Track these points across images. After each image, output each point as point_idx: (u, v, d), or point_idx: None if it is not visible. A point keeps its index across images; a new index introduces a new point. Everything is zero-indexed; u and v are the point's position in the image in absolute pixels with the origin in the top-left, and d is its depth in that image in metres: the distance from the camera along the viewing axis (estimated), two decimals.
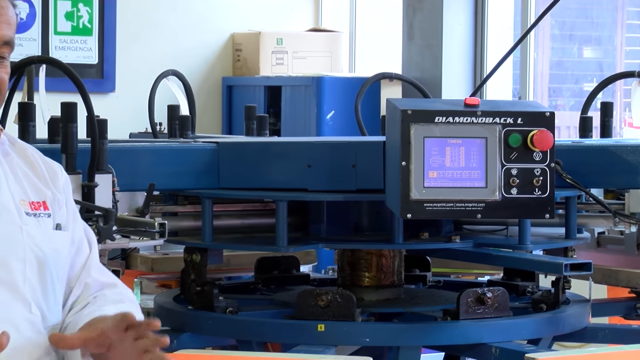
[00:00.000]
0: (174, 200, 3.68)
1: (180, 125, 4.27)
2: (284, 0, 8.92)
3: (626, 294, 3.89)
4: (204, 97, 8.37)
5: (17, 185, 2.43)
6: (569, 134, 6.97)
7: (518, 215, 3.37)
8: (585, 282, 3.69)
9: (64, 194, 2.52)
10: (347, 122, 7.72)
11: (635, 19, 9.71)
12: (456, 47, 7.56)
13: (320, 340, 3.31)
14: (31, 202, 2.42)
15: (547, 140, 3.20)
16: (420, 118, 3.18)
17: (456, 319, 3.33)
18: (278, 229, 3.39)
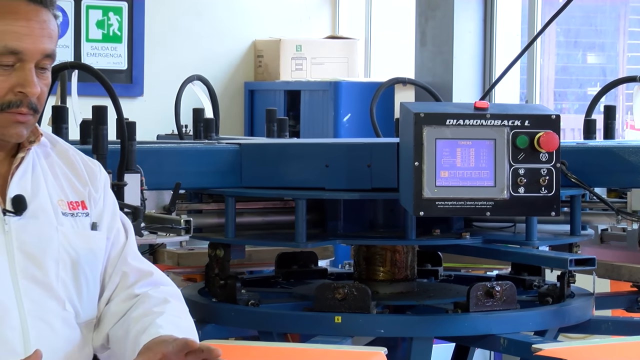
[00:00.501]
0: (199, 199, 3.69)
1: (204, 127, 4.27)
2: (303, 9, 8.92)
3: (628, 288, 3.88)
4: (227, 101, 8.37)
5: (56, 185, 2.41)
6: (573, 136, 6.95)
7: (525, 213, 3.37)
8: (589, 277, 3.67)
9: (102, 191, 2.51)
10: (362, 125, 7.71)
11: (636, 27, 9.69)
12: (466, 53, 7.55)
13: (337, 331, 3.31)
14: (69, 202, 2.41)
15: (553, 142, 3.20)
16: (432, 121, 3.18)
17: (466, 311, 3.33)
18: (297, 225, 3.39)
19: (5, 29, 2.24)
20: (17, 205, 2.31)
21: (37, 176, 2.39)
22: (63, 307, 2.37)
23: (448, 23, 7.52)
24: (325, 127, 7.90)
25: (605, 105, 4.33)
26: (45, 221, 2.36)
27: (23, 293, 2.29)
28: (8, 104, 2.27)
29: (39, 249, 2.33)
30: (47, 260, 2.34)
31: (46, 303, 2.33)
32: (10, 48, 2.24)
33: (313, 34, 8.85)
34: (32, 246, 2.32)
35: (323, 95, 8.02)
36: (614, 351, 3.07)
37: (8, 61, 2.25)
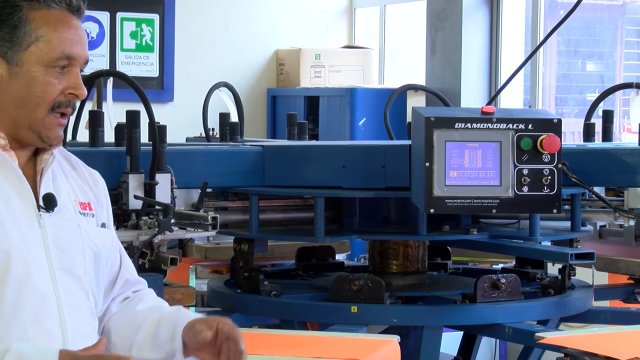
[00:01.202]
0: (225, 197, 3.69)
1: (230, 130, 4.27)
2: (322, 21, 8.92)
3: (625, 281, 3.87)
4: (251, 106, 8.38)
5: (69, 186, 2.43)
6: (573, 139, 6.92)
7: (529, 211, 3.36)
8: (588, 270, 3.66)
9: (104, 197, 2.52)
10: (377, 128, 7.71)
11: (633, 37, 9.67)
12: (473, 62, 7.54)
13: (353, 320, 3.31)
14: (80, 203, 2.42)
15: (555, 144, 3.19)
16: (442, 124, 3.17)
17: (473, 302, 3.32)
18: (316, 222, 3.39)
19: (61, 37, 2.28)
20: (48, 203, 2.32)
21: (55, 177, 2.40)
22: (88, 297, 2.39)
23: (456, 33, 7.51)
24: (342, 130, 7.90)
25: (604, 110, 4.32)
26: (69, 218, 2.38)
27: (59, 284, 2.30)
28: (58, 104, 2.30)
29: (69, 243, 2.35)
30: (76, 253, 2.36)
31: (77, 293, 2.35)
32: (67, 53, 2.29)
33: (331, 43, 8.85)
34: (63, 240, 2.33)
35: (340, 100, 8.01)
36: (612, 339, 3.05)
37: (62, 64, 2.29)
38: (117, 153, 3.40)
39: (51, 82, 2.29)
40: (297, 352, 2.85)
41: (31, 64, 2.28)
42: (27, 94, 2.29)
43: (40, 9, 2.29)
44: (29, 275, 2.25)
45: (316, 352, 2.82)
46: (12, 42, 2.28)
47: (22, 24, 2.28)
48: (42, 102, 2.29)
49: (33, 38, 2.27)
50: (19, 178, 2.30)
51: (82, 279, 2.37)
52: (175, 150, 3.57)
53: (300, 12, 8.83)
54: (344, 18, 9.02)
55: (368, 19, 8.99)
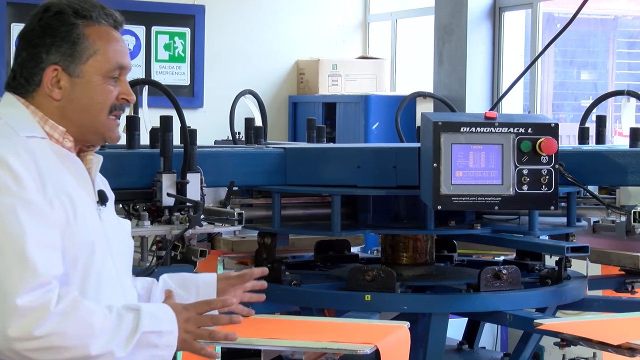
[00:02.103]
0: (250, 194, 3.69)
1: (254, 134, 4.27)
2: (338, 34, 8.92)
3: (617, 272, 3.85)
4: (274, 112, 8.38)
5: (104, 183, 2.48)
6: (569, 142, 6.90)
7: (528, 207, 3.35)
8: (583, 262, 3.65)
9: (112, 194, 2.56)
10: (389, 132, 7.70)
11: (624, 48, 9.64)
12: (477, 71, 7.52)
13: (366, 307, 3.31)
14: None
15: (552, 146, 3.18)
16: (449, 128, 3.16)
17: (477, 291, 3.31)
18: (333, 217, 3.39)
19: (114, 49, 2.35)
20: (102, 198, 2.39)
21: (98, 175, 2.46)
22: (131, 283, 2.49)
23: (462, 45, 7.50)
24: (357, 134, 7.89)
25: (597, 115, 4.30)
26: (111, 211, 2.46)
27: (119, 268, 2.38)
28: (114, 108, 2.36)
29: (116, 233, 2.41)
30: (121, 242, 2.44)
31: (122, 276, 2.41)
32: (120, 64, 2.36)
33: (347, 54, 8.85)
34: (113, 230, 2.40)
35: (355, 106, 8.01)
36: (605, 326, 3.03)
37: (116, 75, 2.35)
38: (151, 155, 3.40)
39: (109, 89, 2.35)
40: (315, 336, 2.84)
41: (91, 74, 2.33)
42: (89, 101, 2.34)
43: (93, 25, 2.34)
44: (103, 262, 2.31)
45: (332, 337, 2.81)
46: (73, 57, 2.32)
47: (81, 40, 2.32)
48: (103, 107, 2.35)
49: (91, 52, 2.32)
50: (85, 178, 2.37)
51: (126, 262, 2.45)
52: (205, 152, 3.57)
53: (318, 25, 8.84)
54: (359, 31, 9.02)
55: (381, 32, 8.99)
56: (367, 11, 9.00)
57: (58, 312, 2.10)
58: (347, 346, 2.70)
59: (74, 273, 2.23)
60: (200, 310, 2.27)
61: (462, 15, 7.50)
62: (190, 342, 2.25)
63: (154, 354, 2.20)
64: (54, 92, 2.32)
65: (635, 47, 9.69)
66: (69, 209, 2.24)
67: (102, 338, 2.14)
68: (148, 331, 2.18)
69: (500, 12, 7.57)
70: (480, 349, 3.90)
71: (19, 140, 2.25)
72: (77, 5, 2.34)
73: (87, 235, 2.27)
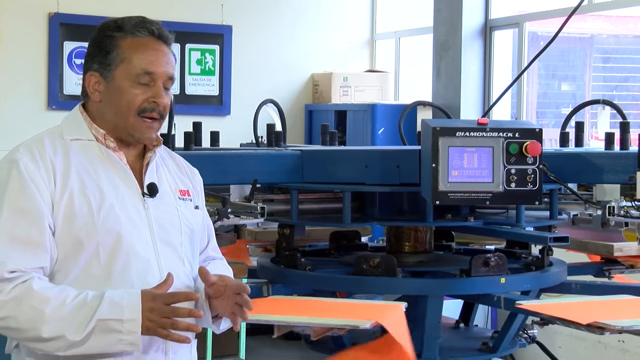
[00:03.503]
0: (271, 191, 3.69)
1: (275, 138, 4.26)
2: (348, 50, 8.92)
3: (597, 260, 3.83)
4: (292, 118, 8.39)
5: (171, 178, 2.50)
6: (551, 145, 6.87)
7: (515, 202, 3.33)
8: (563, 251, 3.63)
9: (199, 187, 2.60)
10: (393, 136, 7.70)
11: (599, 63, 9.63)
12: (471, 83, 7.51)
13: (372, 290, 3.31)
14: (180, 190, 2.50)
15: (537, 149, 3.17)
16: (446, 133, 3.15)
17: (469, 276, 3.30)
18: (344, 211, 3.38)
19: (142, 57, 2.34)
20: (151, 190, 2.39)
21: (159, 170, 2.47)
22: (183, 263, 2.44)
23: (457, 60, 7.49)
24: (365, 138, 7.89)
25: (576, 122, 4.28)
26: (168, 202, 2.44)
27: (160, 252, 2.36)
28: (143, 109, 2.35)
29: (167, 221, 2.40)
30: (173, 229, 2.41)
31: (173, 260, 2.40)
32: (146, 70, 2.34)
33: (356, 68, 8.85)
34: (163, 219, 2.39)
35: (363, 114, 8.00)
36: (579, 307, 3.02)
37: (145, 80, 2.34)
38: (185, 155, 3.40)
39: (136, 93, 2.34)
40: (326, 314, 2.85)
41: (120, 79, 2.35)
42: (119, 103, 2.35)
43: (127, 37, 2.35)
44: (134, 249, 2.30)
45: (342, 315, 2.82)
46: (106, 64, 2.35)
47: (113, 49, 2.35)
48: (131, 108, 2.35)
49: (120, 59, 2.34)
50: (126, 172, 2.37)
51: (178, 249, 2.42)
52: (232, 153, 3.58)
53: (331, 43, 8.84)
54: (367, 48, 9.01)
55: (386, 49, 8.98)
56: (373, 30, 8.99)
57: (9, 300, 2.17)
58: (350, 322, 2.71)
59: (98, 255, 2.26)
60: (166, 301, 2.22)
61: (457, 33, 7.49)
62: (154, 329, 2.21)
63: (121, 339, 2.20)
64: (94, 95, 2.37)
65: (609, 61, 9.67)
66: (93, 201, 2.28)
67: (53, 323, 2.17)
68: (105, 319, 2.18)
69: (491, 31, 7.55)
70: (474, 327, 3.89)
71: (56, 143, 2.32)
72: (119, 20, 2.38)
73: (113, 223, 2.28)
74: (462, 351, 3.49)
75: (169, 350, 2.35)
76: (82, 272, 2.27)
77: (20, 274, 2.19)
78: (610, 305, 3.06)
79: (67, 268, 2.27)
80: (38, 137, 2.36)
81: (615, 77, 9.48)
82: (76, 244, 2.26)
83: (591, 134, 6.78)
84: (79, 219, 2.26)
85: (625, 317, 2.73)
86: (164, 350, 2.34)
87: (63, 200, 2.26)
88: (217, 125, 4.73)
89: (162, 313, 2.21)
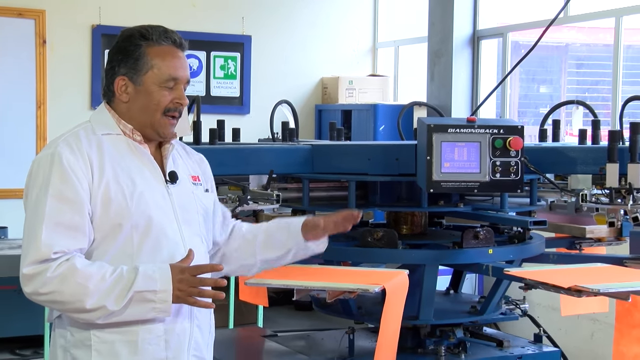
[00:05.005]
0: (285, 180, 3.68)
1: (289, 134, 4.26)
2: (353, 57, 8.91)
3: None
4: (304, 117, 8.38)
5: (184, 166, 2.51)
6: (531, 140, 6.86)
7: (500, 190, 3.31)
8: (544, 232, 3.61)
9: (208, 171, 2.61)
10: (392, 133, 7.69)
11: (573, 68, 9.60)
12: (460, 85, 7.49)
13: (376, 260, 3.30)
14: (192, 176, 2.51)
15: (519, 144, 3.15)
16: (439, 129, 3.13)
17: (461, 247, 3.28)
18: (350, 198, 3.37)
19: (168, 64, 2.35)
20: (172, 177, 2.40)
21: (175, 160, 2.48)
22: (202, 241, 2.46)
23: (448, 66, 7.47)
24: (368, 134, 7.88)
25: (553, 120, 4.26)
26: (186, 187, 2.45)
27: (184, 232, 2.37)
28: (168, 110, 2.36)
29: (187, 204, 2.41)
30: (191, 211, 2.43)
31: (194, 238, 2.42)
32: (172, 76, 2.36)
33: (360, 73, 8.83)
34: (183, 202, 2.40)
35: (366, 113, 7.99)
36: (558, 274, 3.00)
37: (170, 84, 2.35)
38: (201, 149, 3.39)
39: (164, 94, 2.36)
40: (339, 280, 2.86)
41: (149, 84, 2.35)
42: (147, 104, 2.36)
43: (153, 46, 2.35)
44: (163, 229, 2.32)
45: (350, 280, 2.84)
46: (136, 70, 2.34)
47: (142, 57, 2.34)
48: (158, 108, 2.36)
49: (149, 66, 2.34)
50: (152, 163, 2.38)
51: (197, 228, 2.44)
52: (251, 148, 3.57)
53: (338, 51, 8.82)
54: (369, 55, 8.99)
55: (386, 56, 8.96)
56: (375, 39, 8.97)
57: (55, 277, 2.18)
58: (361, 286, 2.72)
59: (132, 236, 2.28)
60: (193, 272, 2.23)
61: (449, 42, 7.46)
62: (184, 298, 2.23)
63: (154, 307, 2.22)
64: (122, 96, 2.36)
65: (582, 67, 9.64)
66: (126, 188, 2.29)
67: (95, 296, 2.18)
68: (141, 290, 2.20)
69: (478, 40, 7.52)
70: (463, 293, 3.88)
71: (90, 137, 2.33)
72: (144, 30, 2.37)
73: (145, 208, 2.30)
74: (453, 313, 3.48)
75: (193, 316, 2.38)
76: (118, 251, 2.28)
77: (63, 254, 2.21)
78: (586, 272, 3.05)
79: (105, 247, 2.27)
80: (74, 132, 2.36)
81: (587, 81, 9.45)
82: (114, 226, 2.27)
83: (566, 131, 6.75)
84: (115, 205, 2.27)
85: (599, 281, 2.73)
86: (190, 315, 2.37)
87: (100, 189, 2.26)
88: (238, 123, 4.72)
89: (191, 283, 2.22)
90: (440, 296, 3.78)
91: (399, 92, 8.77)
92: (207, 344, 2.45)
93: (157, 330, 2.29)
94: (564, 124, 7.02)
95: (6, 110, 7.50)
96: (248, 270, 2.65)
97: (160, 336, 2.30)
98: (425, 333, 3.40)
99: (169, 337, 2.31)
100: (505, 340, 3.51)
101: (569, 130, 6.32)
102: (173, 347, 2.32)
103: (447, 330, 3.41)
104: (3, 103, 7.50)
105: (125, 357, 2.27)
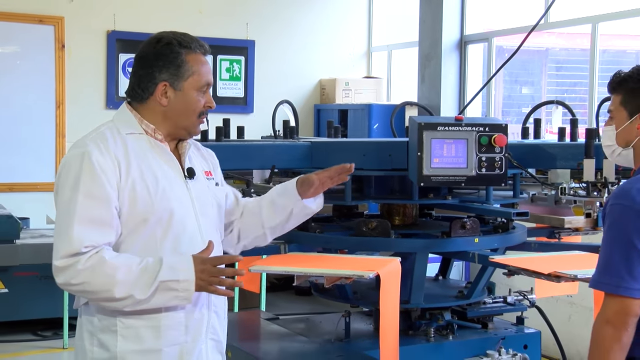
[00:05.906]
0: (286, 175, 3.67)
1: (290, 132, 4.25)
2: (349, 60, 8.89)
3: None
4: (304, 116, 8.37)
5: (198, 162, 2.50)
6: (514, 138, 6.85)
7: (486, 184, 3.31)
8: (525, 223, 3.61)
9: (217, 165, 2.60)
10: (385, 130, 7.68)
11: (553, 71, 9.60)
12: (449, 87, 7.48)
13: (370, 248, 3.29)
14: (205, 172, 2.50)
15: (503, 140, 3.15)
16: (429, 127, 3.13)
17: (449, 236, 3.28)
18: (346, 190, 3.36)
19: (204, 71, 2.37)
20: (190, 173, 2.40)
21: (191, 157, 2.47)
22: (216, 231, 2.47)
23: (438, 68, 7.46)
24: (363, 132, 7.87)
25: (534, 118, 4.25)
26: (202, 182, 2.45)
27: (201, 225, 2.38)
28: (201, 113, 2.38)
29: (204, 198, 2.42)
30: (208, 204, 2.43)
31: (211, 230, 2.42)
32: (208, 82, 2.38)
33: (355, 75, 8.82)
34: (201, 196, 2.40)
35: (361, 112, 7.98)
36: (538, 261, 3.01)
37: (205, 89, 2.37)
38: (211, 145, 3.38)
39: (200, 99, 2.37)
40: (336, 266, 2.86)
41: (189, 89, 2.35)
42: (187, 108, 2.36)
43: (191, 53, 2.35)
44: (183, 222, 2.32)
45: (347, 267, 2.84)
46: (177, 76, 2.34)
47: (183, 64, 2.34)
48: (195, 112, 2.37)
49: (190, 73, 2.34)
50: (172, 159, 2.38)
51: (213, 220, 2.45)
52: (254, 144, 3.56)
53: (335, 54, 8.81)
54: (364, 58, 8.98)
55: (380, 59, 8.95)
56: (370, 44, 8.96)
57: (85, 269, 2.18)
58: (356, 272, 2.72)
59: (155, 229, 2.28)
60: (214, 263, 2.23)
61: (438, 47, 7.46)
62: (205, 286, 2.23)
63: (177, 295, 2.22)
64: (162, 100, 2.35)
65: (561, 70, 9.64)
66: (150, 185, 2.28)
67: (123, 286, 2.19)
68: (165, 280, 2.20)
69: (465, 44, 7.52)
70: (451, 279, 3.88)
71: (116, 136, 2.32)
72: (180, 38, 2.36)
73: (167, 203, 2.29)
74: (442, 297, 3.48)
75: (210, 303, 2.40)
76: (143, 243, 2.28)
77: (93, 248, 2.21)
78: (565, 259, 3.06)
79: (131, 240, 2.28)
80: (100, 132, 2.34)
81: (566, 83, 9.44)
82: (140, 221, 2.27)
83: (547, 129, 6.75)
84: (141, 201, 2.26)
85: (576, 268, 2.73)
86: (207, 303, 2.39)
87: (127, 186, 2.26)
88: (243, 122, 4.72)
89: (211, 273, 2.22)
90: (430, 282, 3.78)
91: (391, 92, 8.76)
92: (222, 327, 2.47)
93: (178, 316, 2.30)
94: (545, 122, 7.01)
95: (28, 109, 7.50)
96: (261, 241, 2.65)
97: (181, 322, 2.31)
98: (416, 316, 3.40)
99: (189, 322, 2.33)
100: (490, 322, 3.51)
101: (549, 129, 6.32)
102: (192, 332, 2.34)
103: (437, 313, 3.41)
104: (25, 103, 7.50)
105: (149, 341, 2.28)
